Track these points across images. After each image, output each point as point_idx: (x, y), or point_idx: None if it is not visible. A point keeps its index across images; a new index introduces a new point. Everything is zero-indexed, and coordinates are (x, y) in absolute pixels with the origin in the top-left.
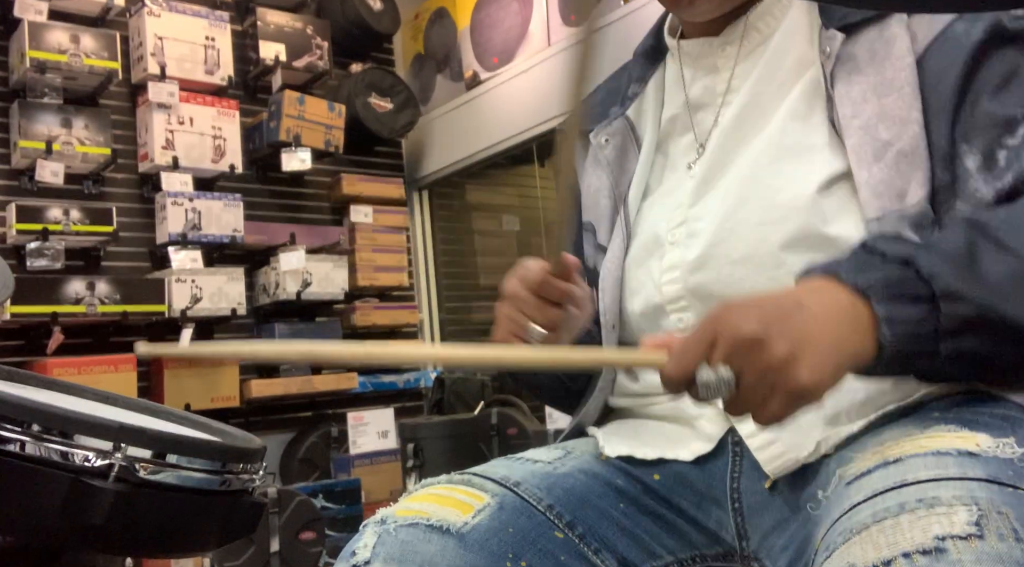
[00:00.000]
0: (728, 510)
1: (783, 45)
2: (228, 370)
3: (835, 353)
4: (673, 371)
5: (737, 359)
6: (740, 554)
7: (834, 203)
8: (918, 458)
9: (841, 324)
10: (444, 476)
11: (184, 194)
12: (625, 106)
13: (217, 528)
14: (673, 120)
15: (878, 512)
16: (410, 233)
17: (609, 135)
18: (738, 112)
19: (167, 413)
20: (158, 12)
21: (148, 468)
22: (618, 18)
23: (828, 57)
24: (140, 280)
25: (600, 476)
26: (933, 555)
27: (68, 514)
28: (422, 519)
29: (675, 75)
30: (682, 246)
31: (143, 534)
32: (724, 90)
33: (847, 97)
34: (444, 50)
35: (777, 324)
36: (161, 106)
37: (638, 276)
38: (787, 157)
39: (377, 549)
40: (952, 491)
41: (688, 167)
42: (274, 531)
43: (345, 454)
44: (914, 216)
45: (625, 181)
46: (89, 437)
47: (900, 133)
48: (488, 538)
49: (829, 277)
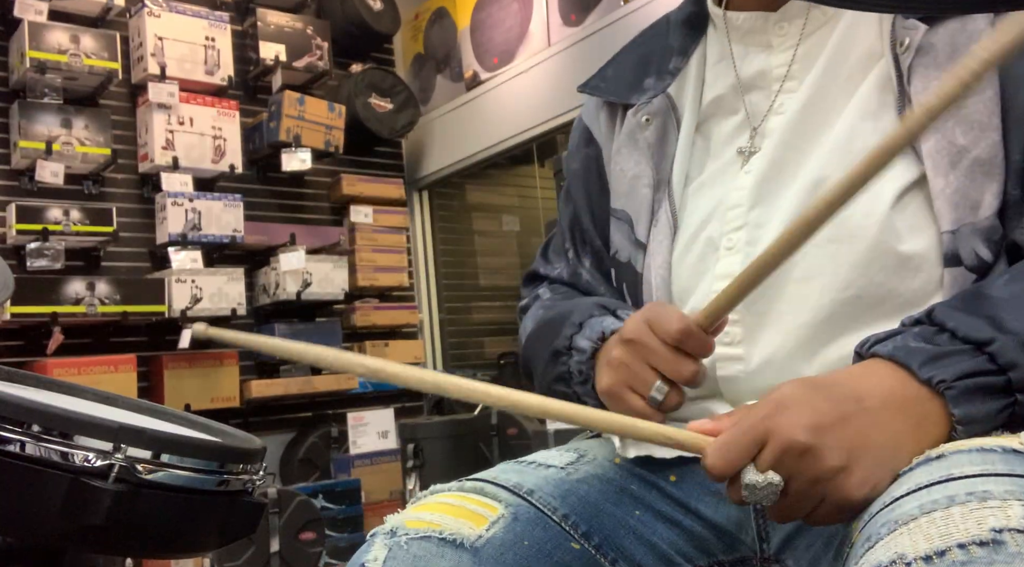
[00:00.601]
0: (749, 512)
1: (849, 34)
2: (228, 370)
3: (891, 459)
4: (717, 466)
5: (787, 466)
6: (760, 556)
7: (908, 217)
8: (962, 454)
9: (905, 424)
10: (455, 483)
11: (184, 194)
12: (666, 82)
13: (217, 528)
14: (718, 101)
15: (925, 504)
16: (410, 233)
17: (650, 114)
18: (801, 106)
19: (167, 413)
20: (158, 12)
21: (148, 468)
22: (618, 18)
23: (906, 49)
24: (140, 280)
25: (615, 482)
26: (991, 547)
27: (68, 514)
28: (434, 532)
29: (720, 50)
30: (740, 254)
31: (143, 534)
32: (783, 74)
33: (925, 92)
34: (444, 50)
35: (832, 432)
36: (161, 106)
37: (687, 279)
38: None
39: (388, 563)
40: (1003, 486)
41: (739, 152)
42: (274, 531)
43: (345, 454)
44: (986, 230)
45: (666, 167)
46: (89, 437)
47: (978, 140)
48: (503, 552)
49: (898, 366)
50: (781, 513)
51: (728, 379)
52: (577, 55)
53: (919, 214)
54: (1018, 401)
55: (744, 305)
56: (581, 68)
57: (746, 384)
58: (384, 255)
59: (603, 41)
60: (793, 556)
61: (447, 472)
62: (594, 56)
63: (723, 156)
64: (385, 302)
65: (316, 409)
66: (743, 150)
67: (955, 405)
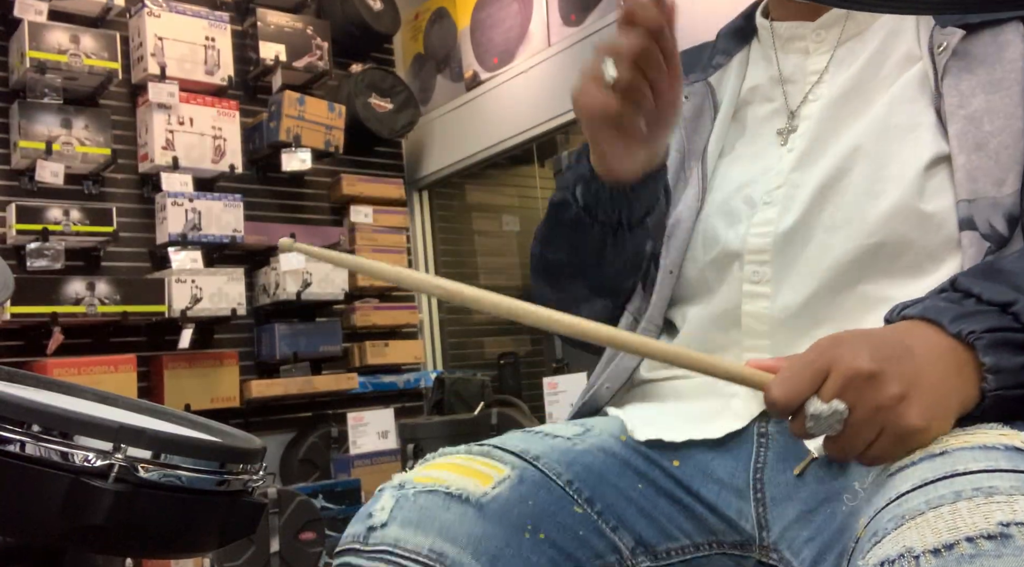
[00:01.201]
0: (750, 500)
1: (888, 41)
2: (228, 370)
3: (944, 398)
4: (781, 396)
5: (851, 394)
6: (759, 544)
7: (935, 184)
8: (965, 451)
9: (948, 370)
10: (463, 446)
11: (184, 194)
12: (708, 72)
13: (217, 528)
14: (754, 90)
15: (932, 499)
16: (410, 233)
17: (690, 93)
18: (841, 92)
19: (167, 413)
20: (158, 12)
21: (148, 468)
22: None
23: (943, 51)
24: (140, 280)
25: (619, 456)
26: (999, 540)
27: (68, 514)
28: (441, 486)
29: (762, 54)
30: (779, 205)
31: (143, 534)
32: (819, 69)
33: (955, 89)
34: (444, 50)
35: (891, 361)
36: (161, 106)
37: (719, 228)
38: (894, 135)
39: (395, 512)
40: (1008, 481)
41: (778, 133)
42: (274, 531)
43: (345, 454)
44: (1006, 206)
45: (699, 140)
46: (89, 437)
47: (1004, 127)
48: (507, 509)
49: (929, 323)
50: (840, 447)
51: (753, 314)
52: (577, 55)
53: (945, 183)
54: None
55: (776, 248)
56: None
57: (769, 321)
58: (384, 255)
59: None
60: (791, 547)
61: None
62: None
63: (759, 135)
64: (385, 302)
65: (316, 409)
66: (782, 131)
67: (984, 354)
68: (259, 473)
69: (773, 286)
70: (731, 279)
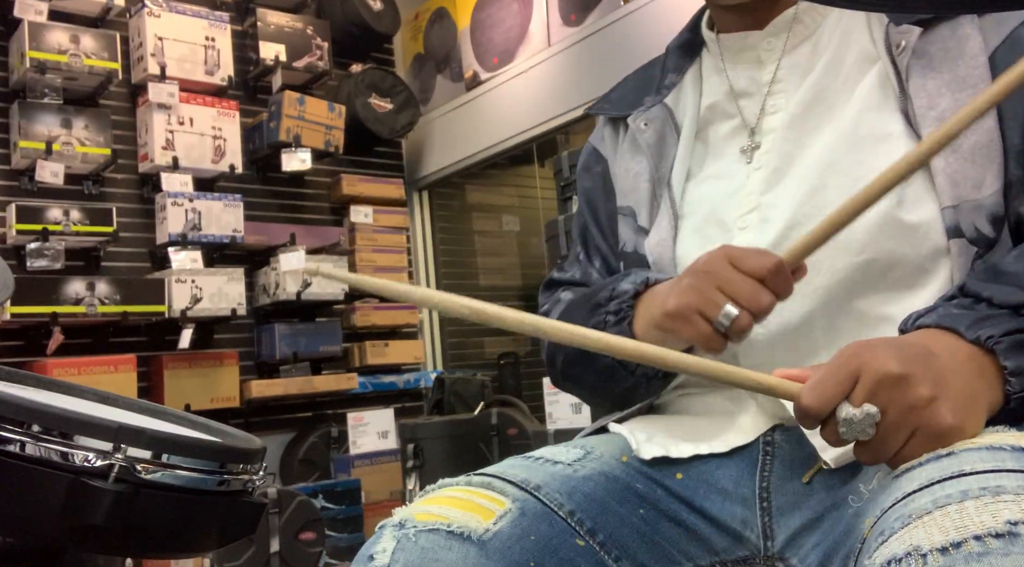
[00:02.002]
0: (755, 509)
1: (842, 42)
2: (228, 370)
3: (972, 400)
4: (813, 402)
5: (882, 397)
6: (764, 554)
7: (914, 192)
8: (972, 452)
9: (972, 374)
10: (463, 477)
11: (184, 194)
12: (662, 94)
13: (217, 528)
14: (713, 107)
15: (939, 499)
16: (410, 233)
17: (648, 120)
18: (803, 104)
19: (167, 413)
20: (158, 12)
21: (148, 468)
22: (618, 18)
23: (902, 51)
24: (140, 280)
25: (620, 480)
26: (1007, 538)
27: (68, 514)
28: (442, 524)
29: (714, 67)
30: (754, 231)
31: (143, 534)
32: (770, 80)
33: (923, 90)
34: (444, 50)
35: (918, 364)
36: (161, 106)
37: (696, 255)
38: (865, 146)
39: (396, 555)
40: (1016, 481)
41: (741, 151)
42: (274, 531)
43: (345, 454)
44: (989, 207)
45: (665, 165)
46: (89, 438)
47: (976, 127)
48: (510, 546)
49: (946, 331)
50: (873, 450)
51: (749, 342)
52: (577, 55)
53: (923, 189)
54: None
55: None
56: (581, 68)
57: (766, 347)
58: (384, 255)
59: (603, 41)
60: (798, 555)
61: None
62: (594, 56)
63: (725, 155)
64: (385, 302)
65: (316, 409)
66: (745, 149)
67: (1006, 358)
68: (259, 473)
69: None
70: None
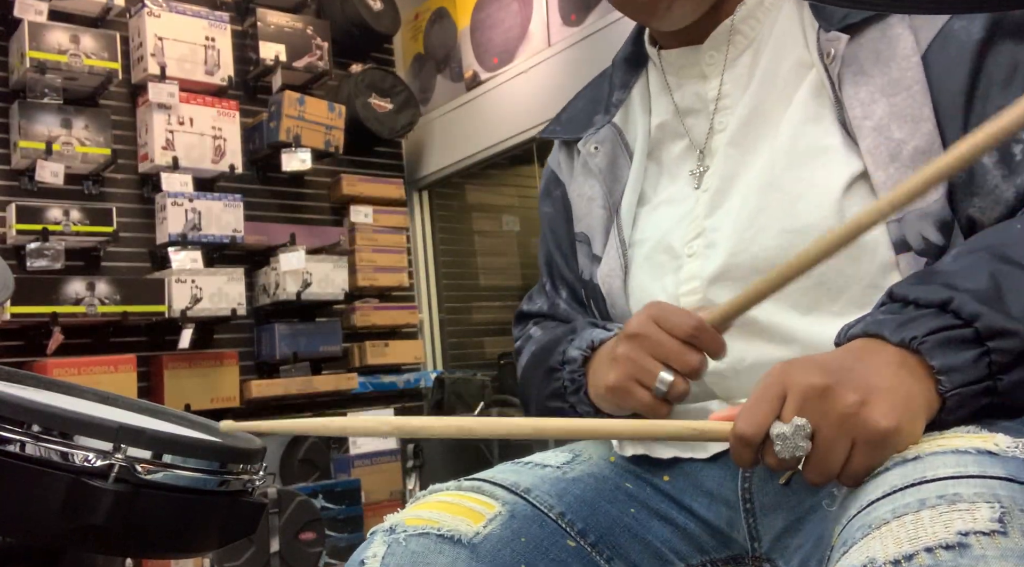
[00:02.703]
0: (740, 511)
1: (777, 50)
2: (228, 370)
3: (906, 400)
4: (747, 428)
5: (810, 410)
6: (751, 555)
7: (855, 205)
8: (937, 456)
9: (902, 377)
10: (453, 482)
11: (184, 194)
12: (611, 113)
13: (217, 528)
14: (663, 127)
15: (897, 508)
16: (410, 233)
17: (598, 142)
18: (742, 120)
19: (167, 413)
20: (158, 12)
21: (148, 469)
22: (618, 18)
23: (832, 59)
24: (140, 280)
25: (610, 480)
26: (956, 550)
27: (68, 514)
28: (432, 528)
29: (660, 82)
30: (701, 257)
31: (143, 535)
32: (715, 96)
33: (856, 99)
34: (444, 50)
35: (842, 373)
36: (161, 106)
37: (649, 289)
38: (803, 161)
39: (387, 559)
40: (973, 488)
41: (691, 174)
42: (274, 531)
43: (345, 454)
44: (935, 213)
45: (618, 189)
46: (89, 438)
47: (914, 131)
48: (500, 548)
49: (872, 338)
50: (818, 469)
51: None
52: (577, 55)
53: (865, 201)
54: (991, 349)
55: (710, 304)
56: (581, 68)
57: (726, 374)
58: (384, 255)
59: (603, 41)
60: (783, 556)
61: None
62: (594, 56)
63: (676, 177)
64: (385, 302)
65: (316, 409)
66: (694, 172)
67: (931, 357)
68: (259, 473)
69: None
70: None
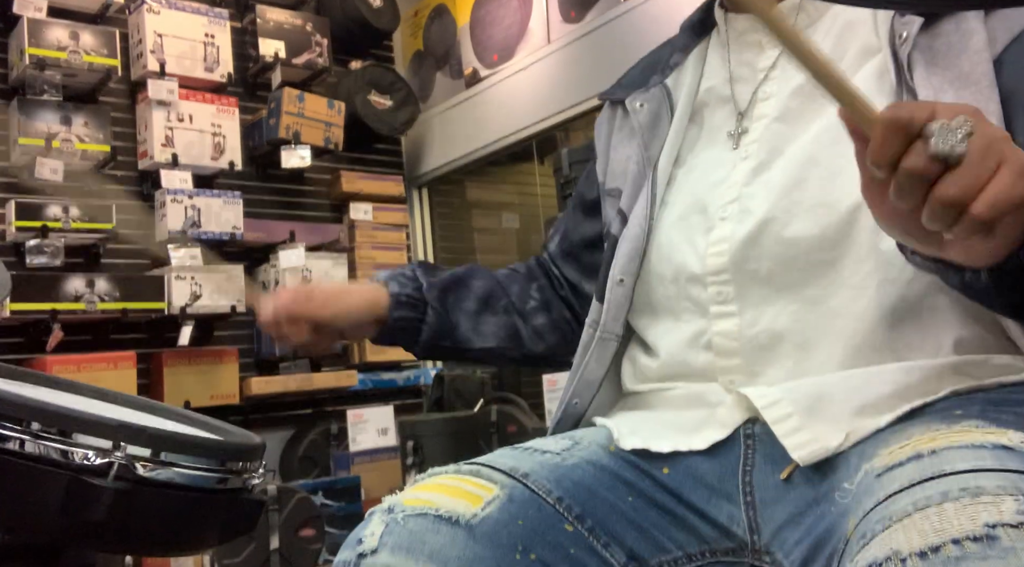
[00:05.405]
0: (740, 504)
1: (844, 33)
2: (228, 367)
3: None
4: (902, 111)
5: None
6: (751, 548)
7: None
8: (953, 450)
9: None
10: (452, 466)
11: (183, 191)
12: (665, 74)
13: (217, 526)
14: (710, 91)
15: (919, 501)
16: (410, 230)
17: (645, 100)
18: (793, 91)
19: (166, 411)
20: (157, 9)
21: (147, 466)
22: (618, 15)
23: (904, 41)
24: (140, 277)
25: (609, 468)
26: (984, 542)
27: (67, 512)
28: (431, 509)
29: (720, 50)
30: (733, 221)
31: (143, 532)
32: (768, 66)
33: (928, 83)
34: (444, 47)
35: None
36: (160, 103)
37: (677, 244)
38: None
39: (385, 538)
40: (995, 481)
41: (729, 135)
42: (274, 528)
43: (345, 451)
44: None
45: (656, 146)
46: (88, 435)
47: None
48: (497, 530)
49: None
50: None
51: (723, 334)
52: (577, 52)
53: None
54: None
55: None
56: (581, 65)
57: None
58: (384, 252)
59: (603, 38)
60: (783, 549)
61: None
62: (594, 53)
63: (715, 141)
64: None
65: (316, 406)
66: (732, 133)
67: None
68: (259, 470)
69: (738, 304)
70: (696, 300)
